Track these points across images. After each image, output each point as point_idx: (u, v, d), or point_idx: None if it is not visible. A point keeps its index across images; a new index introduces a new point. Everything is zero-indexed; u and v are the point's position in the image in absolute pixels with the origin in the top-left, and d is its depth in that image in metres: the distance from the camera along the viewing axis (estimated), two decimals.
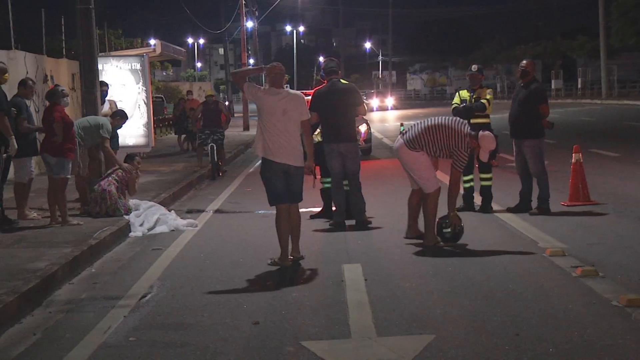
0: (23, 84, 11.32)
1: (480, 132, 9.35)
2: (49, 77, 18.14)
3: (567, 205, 11.44)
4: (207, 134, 18.18)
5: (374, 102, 65.15)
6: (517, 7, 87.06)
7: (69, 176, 10.94)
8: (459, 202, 11.58)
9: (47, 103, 11.16)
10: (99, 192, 11.34)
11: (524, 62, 11.52)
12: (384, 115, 54.20)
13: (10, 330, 6.49)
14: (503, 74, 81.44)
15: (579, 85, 67.99)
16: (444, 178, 11.34)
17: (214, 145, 17.80)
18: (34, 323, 6.71)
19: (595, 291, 6.95)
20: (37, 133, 11.37)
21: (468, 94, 11.48)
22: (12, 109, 10.61)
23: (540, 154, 11.18)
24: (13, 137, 10.29)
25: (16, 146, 10.31)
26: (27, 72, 16.48)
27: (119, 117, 12.78)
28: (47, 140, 10.72)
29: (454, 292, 7.14)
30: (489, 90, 11.48)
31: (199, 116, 18.66)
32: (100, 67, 13.99)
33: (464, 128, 9.28)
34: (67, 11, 18.39)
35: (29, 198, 11.59)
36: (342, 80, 10.91)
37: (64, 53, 20.92)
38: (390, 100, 68.08)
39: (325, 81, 10.85)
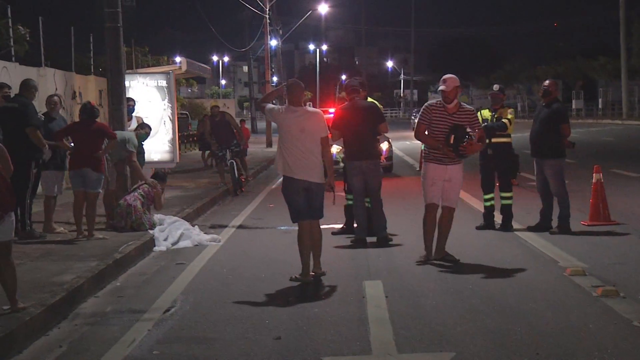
0: (47, 100, 11.46)
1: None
2: (77, 94, 18.31)
3: (588, 225, 11.36)
4: (224, 149, 18.08)
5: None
6: (539, 27, 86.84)
7: (100, 191, 11.02)
8: (480, 221, 11.58)
9: (79, 119, 11.23)
10: (124, 206, 11.41)
11: (546, 82, 11.50)
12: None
13: (38, 342, 6.54)
14: (524, 94, 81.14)
15: (600, 106, 67.55)
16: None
17: (234, 162, 17.76)
18: (61, 335, 6.76)
19: (616, 311, 6.89)
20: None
21: (490, 113, 11.46)
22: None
23: (561, 174, 11.12)
24: (46, 146, 10.44)
25: (50, 154, 10.48)
26: (56, 89, 16.64)
27: (140, 127, 12.88)
28: (89, 155, 10.69)
29: (475, 309, 7.10)
30: (510, 110, 11.44)
31: (209, 133, 18.69)
32: (127, 83, 14.10)
33: None
34: (96, 29, 18.63)
35: (56, 212, 11.68)
36: (369, 99, 10.98)
37: (92, 70, 21.09)
38: None
39: (348, 99, 10.88)
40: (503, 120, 11.21)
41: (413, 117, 52.92)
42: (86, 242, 10.45)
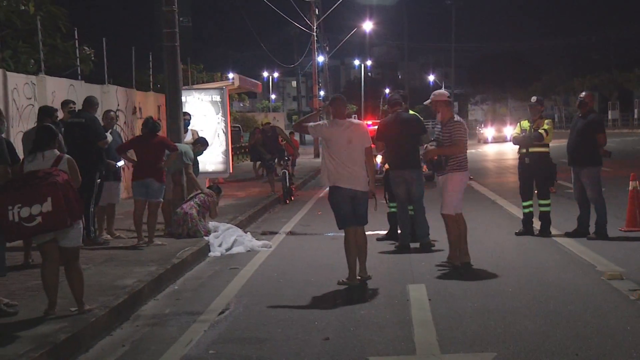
0: (104, 115, 11.66)
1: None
2: (137, 109, 18.56)
3: (625, 231, 11.16)
4: (273, 159, 18.83)
5: (489, 131, 51.24)
6: (575, 40, 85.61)
7: (161, 200, 11.15)
8: (520, 227, 11.46)
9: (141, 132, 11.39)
10: (181, 214, 11.52)
11: (583, 93, 11.36)
12: (500, 148, 40.97)
13: (102, 342, 6.64)
14: (561, 105, 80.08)
15: (635, 116, 66.40)
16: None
17: (286, 172, 17.99)
18: (123, 335, 6.84)
19: None
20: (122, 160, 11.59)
21: (528, 124, 11.35)
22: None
23: (597, 181, 10.96)
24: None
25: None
26: (118, 104, 16.91)
27: (200, 144, 12.98)
28: (152, 166, 10.81)
29: (515, 312, 7.02)
30: (547, 121, 11.31)
31: (261, 145, 19.34)
32: (183, 99, 14.24)
33: None
34: (155, 48, 18.87)
35: (116, 220, 11.84)
36: (411, 111, 10.96)
37: (151, 86, 21.36)
38: (491, 131, 51.75)
39: (391, 112, 10.86)
40: (539, 130, 11.09)
41: (479, 128, 51.29)
42: (146, 248, 10.57)
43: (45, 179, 6.58)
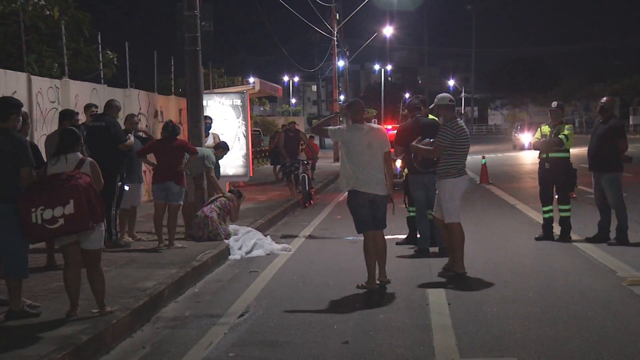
0: (127, 118, 11.71)
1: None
2: (159, 113, 18.66)
3: None
4: (294, 164, 18.53)
5: (525, 137, 42.90)
6: (596, 45, 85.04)
7: (181, 203, 11.19)
8: (540, 232, 11.38)
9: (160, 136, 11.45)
10: (202, 218, 11.55)
11: (604, 99, 11.26)
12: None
13: (123, 343, 6.67)
14: (581, 110, 79.59)
15: None
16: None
17: (305, 176, 17.99)
18: (144, 337, 6.87)
19: None
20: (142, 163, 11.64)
21: (549, 129, 11.28)
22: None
23: (618, 187, 10.87)
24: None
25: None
26: (140, 108, 17.00)
27: (222, 149, 13.02)
28: (172, 169, 10.86)
29: (534, 317, 6.98)
30: (568, 126, 11.23)
31: (283, 145, 19.04)
32: (204, 103, 14.28)
33: None
34: (177, 53, 18.96)
35: (137, 222, 11.90)
36: (430, 116, 10.91)
37: (173, 90, 21.47)
38: (527, 137, 41.93)
39: (410, 116, 10.83)
40: (560, 136, 11.03)
41: (515, 133, 49.87)
42: (167, 250, 10.61)
43: (67, 181, 6.62)
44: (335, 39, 41.22)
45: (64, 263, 7.02)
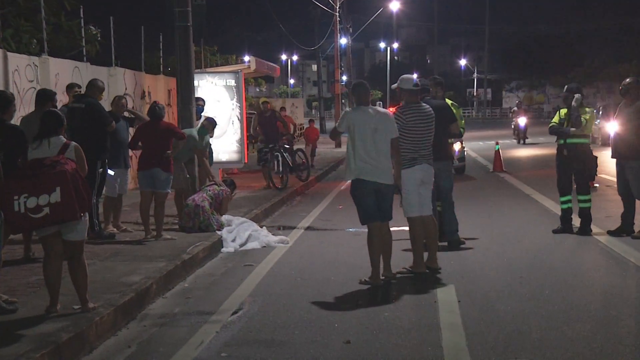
0: (113, 101, 11.70)
1: None
2: (146, 93, 18.64)
3: None
4: (270, 149, 18.04)
5: (521, 120, 36.21)
6: (621, 23, 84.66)
7: (169, 191, 11.19)
8: (557, 224, 11.39)
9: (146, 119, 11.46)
10: (192, 207, 11.55)
11: (627, 80, 11.21)
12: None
13: (107, 342, 6.68)
14: (604, 92, 79.45)
15: None
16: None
17: (279, 157, 17.82)
18: (129, 336, 6.88)
19: None
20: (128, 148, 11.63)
21: (566, 113, 11.26)
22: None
23: None
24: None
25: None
26: (125, 89, 16.97)
27: (210, 123, 13.05)
28: (159, 155, 10.85)
29: (552, 316, 6.99)
30: (588, 109, 11.22)
31: (257, 129, 18.66)
32: (196, 83, 14.27)
33: None
34: (166, 28, 18.91)
35: (123, 212, 11.90)
36: (447, 100, 10.90)
37: (162, 69, 21.43)
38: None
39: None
40: (581, 118, 10.99)
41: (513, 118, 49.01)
42: (154, 242, 10.62)
43: (53, 167, 6.58)
44: (337, 14, 41.15)
45: (44, 255, 6.99)
